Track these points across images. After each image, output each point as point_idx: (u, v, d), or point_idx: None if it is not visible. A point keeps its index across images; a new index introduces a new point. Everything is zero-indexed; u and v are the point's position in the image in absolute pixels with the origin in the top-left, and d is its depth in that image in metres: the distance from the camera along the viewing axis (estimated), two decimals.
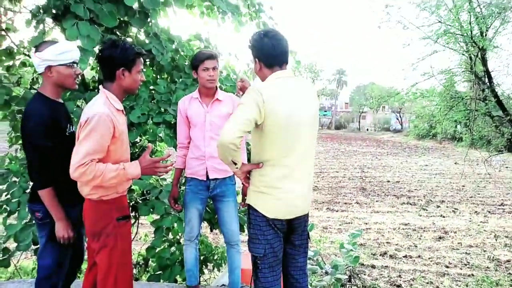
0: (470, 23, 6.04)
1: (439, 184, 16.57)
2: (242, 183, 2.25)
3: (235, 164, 1.91)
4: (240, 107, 1.88)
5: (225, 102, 2.73)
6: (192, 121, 2.71)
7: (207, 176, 2.70)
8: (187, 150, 2.79)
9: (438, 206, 12.79)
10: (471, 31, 6.02)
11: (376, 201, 13.57)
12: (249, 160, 2.65)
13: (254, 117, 1.83)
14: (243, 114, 1.83)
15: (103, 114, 1.89)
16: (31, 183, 2.28)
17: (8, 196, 3.48)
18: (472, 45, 6.10)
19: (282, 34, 2.03)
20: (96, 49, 2.09)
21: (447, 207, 12.74)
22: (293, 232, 2.10)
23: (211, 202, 3.13)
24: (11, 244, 3.33)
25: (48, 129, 2.08)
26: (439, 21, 6.37)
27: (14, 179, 3.57)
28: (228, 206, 2.76)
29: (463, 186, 15.87)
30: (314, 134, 2.07)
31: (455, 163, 22.22)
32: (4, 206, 3.49)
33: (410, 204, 13.11)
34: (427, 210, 12.35)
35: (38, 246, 3.27)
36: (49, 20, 3.42)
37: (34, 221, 2.42)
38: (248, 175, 2.08)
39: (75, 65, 2.20)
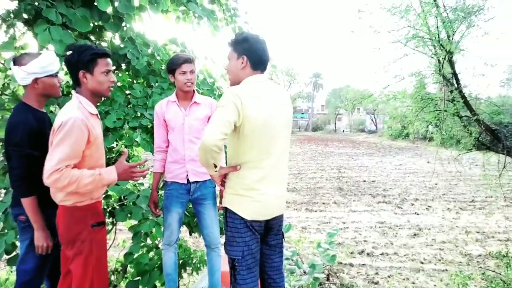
0: (437, 27, 6.26)
1: (413, 182, 17.02)
2: (218, 186, 2.27)
3: (215, 167, 1.93)
4: (219, 109, 1.89)
5: (203, 105, 2.75)
6: (170, 124, 2.70)
7: (188, 180, 2.70)
8: (165, 154, 2.79)
9: (412, 204, 13.15)
10: (439, 35, 6.25)
11: (353, 200, 13.81)
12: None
13: (233, 119, 1.86)
14: (223, 116, 1.84)
15: (77, 118, 1.86)
16: (13, 189, 2.25)
17: None
18: (440, 48, 6.32)
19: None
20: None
21: (421, 204, 13.11)
22: (269, 232, 2.14)
23: (190, 206, 3.14)
24: None
25: (34, 138, 2.10)
26: (409, 26, 6.59)
27: None
28: (209, 209, 2.77)
29: (436, 184, 16.37)
30: (288, 136, 2.12)
31: (428, 162, 22.90)
32: None
33: (386, 202, 13.42)
34: (402, 208, 12.67)
35: (11, 256, 3.21)
36: (20, 25, 3.35)
37: (17, 225, 2.38)
38: (223, 178, 2.11)
39: (58, 74, 2.26)
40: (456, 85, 6.64)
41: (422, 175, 18.67)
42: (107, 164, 2.19)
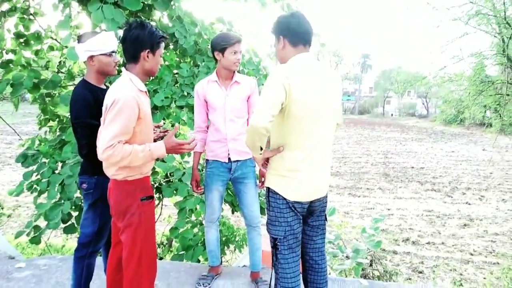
0: (504, 3, 5.75)
1: (466, 170, 16.15)
2: (260, 168, 2.26)
3: (261, 149, 1.93)
4: (267, 90, 1.86)
5: (243, 84, 2.72)
6: (211, 104, 2.70)
7: (229, 158, 2.72)
8: (205, 134, 2.80)
9: (464, 193, 12.52)
10: (505, 12, 5.74)
11: (400, 187, 13.38)
12: None
13: (281, 100, 1.83)
14: (272, 97, 1.82)
15: (129, 96, 1.91)
16: (81, 157, 2.45)
17: (38, 176, 3.62)
18: (505, 27, 5.82)
19: (307, 17, 2.03)
20: (120, 31, 2.14)
21: (473, 194, 12.45)
22: (312, 214, 2.11)
23: (232, 185, 3.17)
24: (42, 223, 3.48)
25: (92, 110, 2.24)
26: (471, 2, 6.09)
27: (44, 160, 3.70)
28: (249, 187, 2.78)
29: (491, 173, 15.44)
30: (335, 118, 2.04)
31: (483, 150, 21.59)
32: (35, 186, 3.63)
33: (435, 190, 12.88)
34: (452, 197, 12.10)
35: (67, 225, 3.43)
36: (75, 4, 3.47)
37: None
38: (266, 161, 2.10)
39: (113, 54, 2.35)
40: None
41: (476, 163, 17.66)
42: (155, 142, 2.25)
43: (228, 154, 2.70)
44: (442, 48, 6.48)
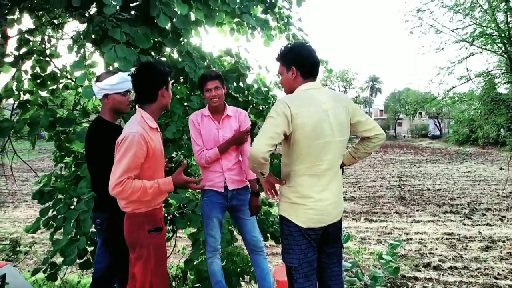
0: (507, 23, 5.79)
1: (484, 191, 15.76)
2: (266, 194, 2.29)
3: (263, 174, 1.99)
4: (269, 120, 1.91)
5: (234, 117, 2.85)
6: (204, 138, 2.79)
7: (225, 187, 2.78)
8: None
9: (484, 214, 12.17)
10: (509, 31, 5.77)
11: (417, 210, 13.09)
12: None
13: (283, 130, 1.87)
14: (272, 128, 1.87)
15: (136, 133, 1.99)
16: (96, 193, 2.50)
17: (54, 212, 3.67)
18: (511, 45, 5.84)
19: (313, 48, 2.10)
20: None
21: (493, 215, 12.08)
22: (327, 240, 2.10)
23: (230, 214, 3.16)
24: (58, 259, 3.50)
25: (105, 147, 2.27)
26: (474, 23, 6.15)
27: (60, 196, 3.76)
28: (248, 214, 2.83)
29: (510, 192, 15.02)
30: (344, 143, 2.06)
31: (500, 169, 21.12)
32: (51, 222, 3.68)
33: (453, 212, 12.55)
34: (471, 218, 11.77)
35: (83, 260, 3.45)
36: (88, 45, 3.61)
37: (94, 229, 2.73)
38: (273, 188, 2.14)
39: (128, 93, 2.46)
40: None
41: (494, 183, 17.25)
42: (168, 174, 2.28)
43: (225, 183, 2.77)
44: (449, 70, 6.51)
